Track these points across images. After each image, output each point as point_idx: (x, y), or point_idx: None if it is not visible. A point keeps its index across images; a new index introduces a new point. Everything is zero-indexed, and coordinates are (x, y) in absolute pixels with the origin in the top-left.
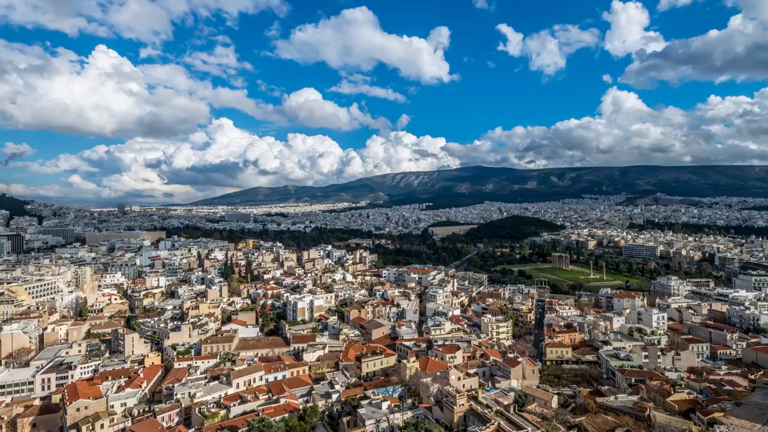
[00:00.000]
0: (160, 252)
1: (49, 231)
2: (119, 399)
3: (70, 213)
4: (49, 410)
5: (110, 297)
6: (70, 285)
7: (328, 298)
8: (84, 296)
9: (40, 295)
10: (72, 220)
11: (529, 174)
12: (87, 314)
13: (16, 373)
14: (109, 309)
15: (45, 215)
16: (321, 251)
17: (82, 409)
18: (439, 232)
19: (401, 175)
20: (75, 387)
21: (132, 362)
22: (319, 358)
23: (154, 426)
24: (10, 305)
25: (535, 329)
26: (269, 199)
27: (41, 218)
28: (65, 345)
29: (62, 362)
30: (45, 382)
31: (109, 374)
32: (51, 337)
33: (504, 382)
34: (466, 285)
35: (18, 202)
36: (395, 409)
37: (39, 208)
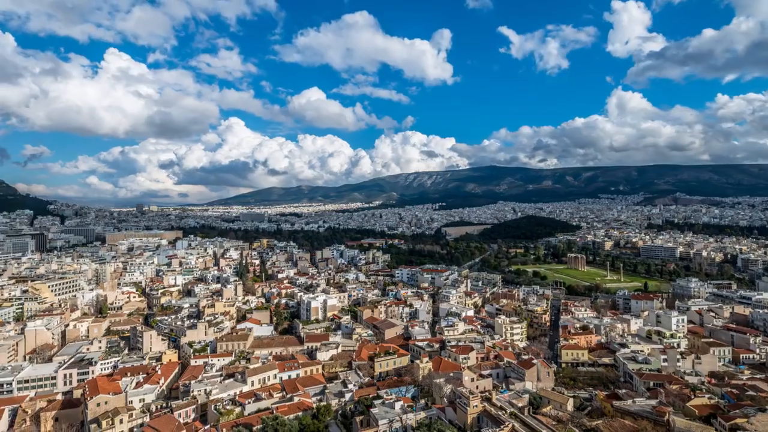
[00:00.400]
0: (177, 251)
1: (71, 230)
2: (138, 395)
3: (91, 213)
4: (71, 405)
5: (129, 295)
6: (91, 283)
7: (341, 298)
8: (104, 294)
9: (63, 293)
10: (93, 219)
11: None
12: (107, 312)
13: (40, 368)
14: (128, 307)
15: (67, 215)
16: (334, 251)
17: (102, 404)
18: (452, 232)
19: (414, 175)
20: (95, 382)
21: (150, 359)
22: (333, 357)
23: (171, 422)
24: (34, 302)
25: (550, 331)
26: (283, 199)
27: (63, 218)
28: (86, 341)
29: (83, 358)
30: (67, 378)
31: (128, 370)
32: (73, 333)
33: (518, 384)
34: (479, 285)
35: (41, 202)
36: (408, 410)
37: (61, 208)
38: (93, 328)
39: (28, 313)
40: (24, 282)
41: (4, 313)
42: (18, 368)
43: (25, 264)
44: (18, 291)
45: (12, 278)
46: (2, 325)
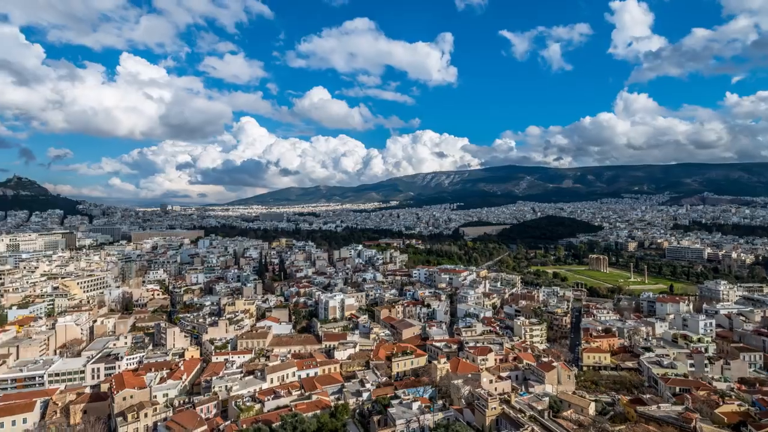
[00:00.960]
0: (198, 250)
1: (99, 229)
2: (161, 390)
3: (117, 212)
4: (99, 398)
5: (153, 292)
6: (117, 280)
7: (359, 297)
8: (130, 291)
9: (91, 290)
10: (119, 219)
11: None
12: (132, 308)
13: (69, 362)
14: (153, 304)
15: (95, 214)
16: (352, 250)
17: (128, 398)
18: (470, 232)
19: (431, 175)
20: (122, 377)
21: (173, 355)
22: (350, 356)
23: (193, 417)
24: (64, 298)
25: (570, 333)
26: (302, 199)
27: (91, 217)
28: (113, 337)
29: (110, 353)
30: (95, 372)
31: (152, 366)
32: (100, 329)
33: (538, 386)
34: (498, 286)
35: (71, 202)
36: (426, 410)
37: (89, 207)
38: (119, 324)
39: (58, 309)
40: (55, 279)
41: (37, 309)
42: (49, 362)
43: (56, 262)
44: (49, 288)
45: (44, 275)
46: (35, 321)
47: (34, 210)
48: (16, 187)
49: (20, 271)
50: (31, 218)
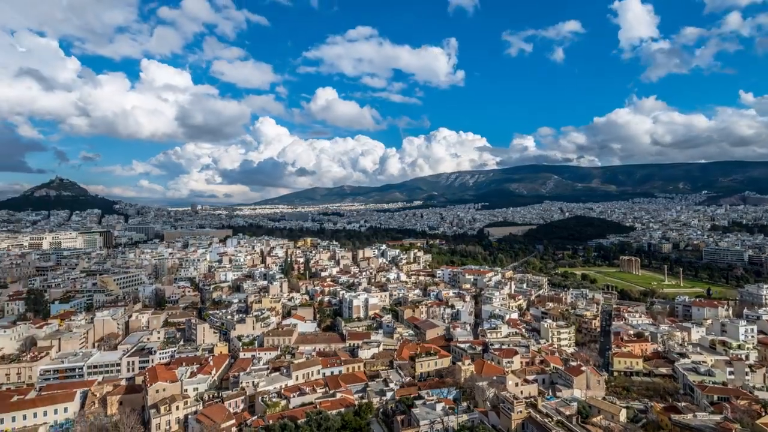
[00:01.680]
0: (227, 249)
1: (134, 228)
2: (192, 384)
3: (151, 212)
4: (133, 390)
5: (184, 290)
6: (151, 277)
7: (383, 297)
8: (162, 288)
9: (126, 286)
10: (152, 218)
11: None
12: (165, 305)
13: (107, 355)
14: (184, 300)
15: (130, 214)
16: (375, 250)
17: (160, 390)
18: (495, 232)
19: (455, 175)
20: (155, 370)
21: (203, 350)
22: (374, 355)
23: (222, 411)
24: (102, 294)
25: (600, 337)
26: (326, 199)
27: (127, 216)
28: (147, 332)
29: (144, 347)
30: (130, 365)
31: (183, 360)
32: (135, 324)
33: (566, 391)
34: (524, 288)
35: (108, 202)
36: (450, 411)
37: (125, 207)
38: (152, 319)
39: (96, 304)
40: (93, 275)
41: (77, 304)
42: (88, 354)
43: (95, 259)
44: (89, 284)
45: (83, 272)
46: (75, 315)
47: (74, 209)
48: (58, 188)
49: (62, 267)
50: (72, 217)
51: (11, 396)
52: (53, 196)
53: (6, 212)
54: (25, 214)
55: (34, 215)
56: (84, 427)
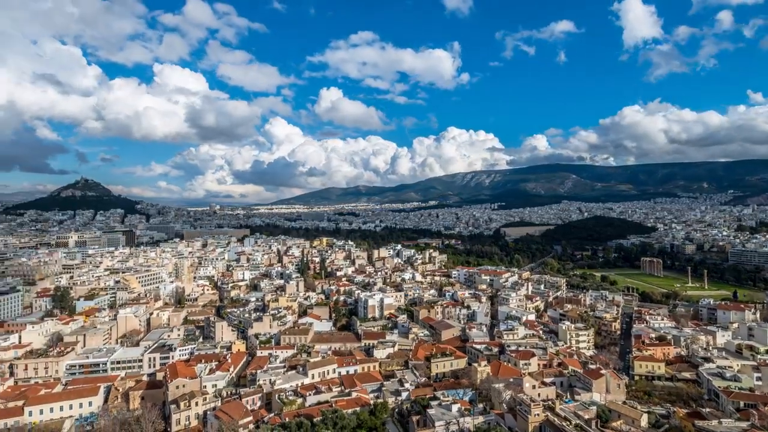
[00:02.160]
0: (245, 248)
1: (155, 228)
2: (210, 380)
3: (171, 212)
4: (155, 386)
5: (203, 288)
6: (171, 276)
7: (398, 297)
8: (182, 286)
9: (148, 284)
10: (172, 218)
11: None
12: (185, 302)
13: (129, 351)
14: (203, 299)
15: (151, 213)
16: (391, 250)
17: (180, 386)
18: (511, 232)
19: (471, 174)
20: (175, 367)
21: (221, 348)
22: (389, 355)
23: (240, 408)
24: (125, 292)
25: (620, 340)
26: (342, 199)
27: (148, 216)
28: (167, 329)
29: (165, 344)
30: (151, 361)
31: (202, 357)
32: (156, 321)
33: (584, 394)
34: (541, 289)
35: (130, 202)
36: (466, 413)
37: (146, 207)
38: (173, 317)
39: (119, 301)
40: (116, 273)
41: (101, 301)
42: (111, 350)
43: (118, 257)
44: (112, 281)
45: (107, 270)
46: (99, 312)
47: (98, 209)
48: (83, 188)
49: (87, 265)
50: (96, 217)
51: (39, 389)
52: (78, 197)
53: (34, 212)
54: (52, 214)
55: (60, 215)
56: (108, 421)
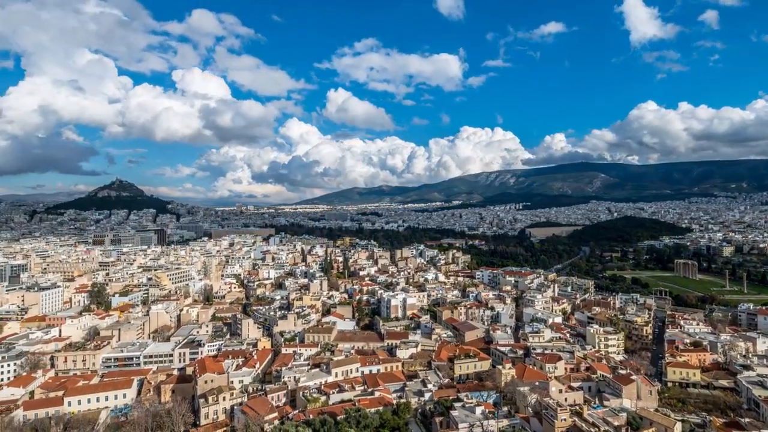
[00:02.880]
0: (270, 247)
1: (185, 227)
2: (237, 376)
3: (200, 212)
4: (184, 380)
5: (230, 286)
6: (200, 274)
7: (421, 297)
8: (210, 284)
9: (178, 281)
10: (201, 217)
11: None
12: (213, 300)
13: (161, 346)
14: (230, 296)
15: (181, 213)
16: (413, 250)
17: (208, 381)
18: (537, 233)
19: (496, 174)
20: (203, 362)
21: (247, 344)
22: (412, 355)
23: (265, 404)
24: (157, 289)
25: (652, 345)
26: (364, 199)
27: (179, 216)
28: (196, 325)
29: (194, 340)
30: (181, 356)
31: (229, 353)
32: (185, 317)
33: (614, 400)
34: (568, 291)
35: (161, 202)
36: (490, 416)
37: (177, 207)
38: (201, 313)
39: (152, 297)
40: (149, 271)
41: (135, 297)
42: (144, 345)
43: (150, 255)
44: (144, 279)
45: (140, 267)
46: (133, 307)
47: (132, 209)
48: (117, 189)
49: (121, 263)
50: (130, 216)
51: (77, 381)
52: (114, 197)
53: (73, 212)
54: (90, 214)
55: (97, 214)
56: (141, 413)
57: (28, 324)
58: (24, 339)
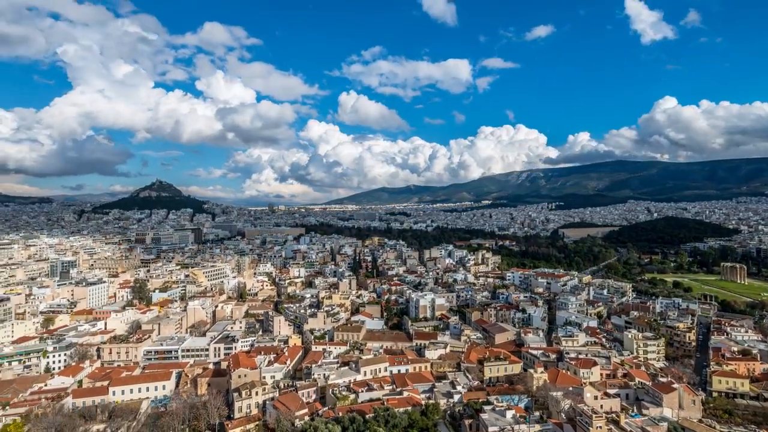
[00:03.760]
0: (300, 246)
1: (219, 226)
2: (269, 372)
3: (234, 211)
4: (219, 374)
5: (263, 283)
6: (234, 271)
7: (449, 298)
8: (244, 281)
9: (213, 279)
10: (235, 217)
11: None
12: (246, 297)
13: (197, 340)
14: (262, 293)
15: (216, 213)
16: (442, 250)
17: (242, 376)
18: (571, 234)
19: (527, 173)
20: (237, 357)
21: (279, 341)
22: (441, 356)
23: (296, 400)
24: (193, 285)
25: (696, 352)
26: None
27: (214, 215)
28: (230, 321)
29: (228, 335)
30: (216, 351)
31: (262, 349)
32: (220, 313)
33: (653, 409)
34: (604, 294)
35: (198, 202)
36: (521, 420)
37: (212, 207)
38: (235, 310)
39: (189, 294)
40: (186, 268)
41: (173, 293)
42: (182, 339)
43: (187, 253)
44: (182, 275)
45: (178, 265)
46: (172, 303)
47: (170, 209)
48: (157, 190)
49: (161, 260)
50: (169, 216)
51: (121, 372)
52: (154, 197)
53: (117, 211)
54: (132, 213)
55: (139, 214)
56: (179, 404)
57: (76, 317)
58: (73, 331)
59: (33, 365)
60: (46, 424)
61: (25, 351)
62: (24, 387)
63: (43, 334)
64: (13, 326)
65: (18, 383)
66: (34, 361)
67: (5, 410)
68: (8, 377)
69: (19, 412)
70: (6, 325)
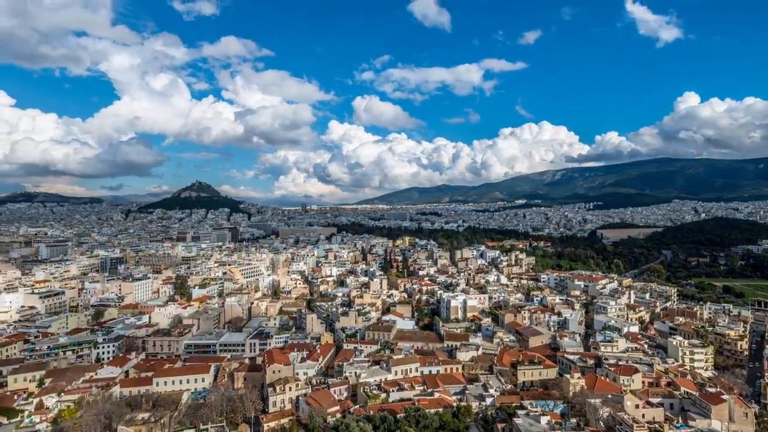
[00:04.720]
0: (332, 245)
1: (255, 225)
2: (302, 368)
3: (268, 211)
4: (255, 369)
5: (296, 282)
6: (268, 269)
7: (482, 299)
8: (278, 279)
9: (249, 276)
10: (269, 216)
11: (737, 166)
12: (280, 294)
13: (234, 336)
14: (295, 291)
15: (252, 212)
16: (474, 251)
17: (276, 372)
18: (610, 235)
19: (562, 172)
20: (272, 353)
21: (311, 338)
22: (473, 358)
23: (328, 396)
24: (230, 282)
25: (749, 362)
26: (423, 198)
27: (249, 215)
28: (265, 318)
29: (263, 332)
30: (252, 346)
31: (295, 346)
32: (255, 310)
33: (700, 420)
34: (646, 298)
35: (234, 202)
36: (556, 427)
37: (248, 207)
38: (270, 307)
39: (226, 290)
40: (224, 266)
41: (212, 290)
42: (220, 334)
43: (225, 252)
44: (220, 273)
45: (216, 262)
46: (210, 299)
47: (209, 209)
48: (197, 190)
49: (201, 258)
50: (208, 215)
51: (164, 364)
52: (194, 197)
53: (161, 211)
54: (174, 213)
55: (180, 213)
56: (217, 397)
57: (123, 310)
58: (121, 324)
59: (85, 355)
60: (96, 411)
61: (78, 342)
62: (77, 375)
63: (93, 326)
64: (67, 318)
65: (72, 372)
66: (86, 351)
67: (60, 397)
68: (63, 366)
69: (72, 399)
70: (61, 317)
